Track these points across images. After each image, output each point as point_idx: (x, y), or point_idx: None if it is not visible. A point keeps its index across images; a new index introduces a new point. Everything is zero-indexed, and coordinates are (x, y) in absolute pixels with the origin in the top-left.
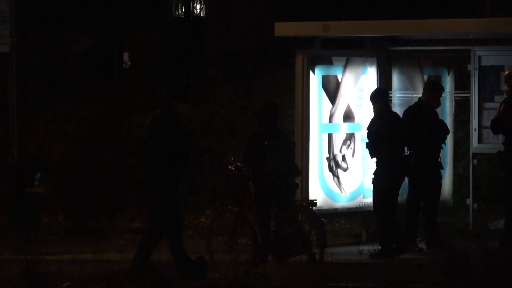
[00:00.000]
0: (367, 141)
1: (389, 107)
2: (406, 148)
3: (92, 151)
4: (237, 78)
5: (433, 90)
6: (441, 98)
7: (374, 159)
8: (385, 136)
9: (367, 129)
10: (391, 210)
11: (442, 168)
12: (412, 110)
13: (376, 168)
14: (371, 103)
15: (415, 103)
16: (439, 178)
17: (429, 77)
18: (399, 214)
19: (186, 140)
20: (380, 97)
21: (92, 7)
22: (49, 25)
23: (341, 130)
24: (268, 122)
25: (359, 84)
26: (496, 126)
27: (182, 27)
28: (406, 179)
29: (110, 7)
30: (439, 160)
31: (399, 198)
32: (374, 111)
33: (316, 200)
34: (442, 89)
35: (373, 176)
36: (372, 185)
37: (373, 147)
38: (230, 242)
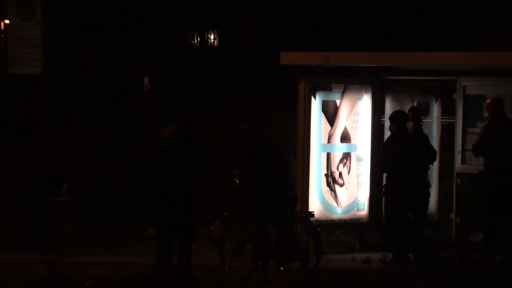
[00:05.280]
0: (382, 157)
1: (405, 129)
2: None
3: (111, 165)
4: (244, 102)
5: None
6: (429, 123)
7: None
8: (396, 154)
9: (382, 146)
10: (400, 221)
11: (430, 186)
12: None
13: (386, 183)
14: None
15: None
16: (427, 195)
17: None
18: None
19: (198, 156)
20: (395, 119)
21: (115, 34)
22: (75, 51)
23: (339, 149)
24: (254, 143)
25: (355, 108)
26: (477, 150)
27: (197, 55)
28: None
29: (131, 35)
30: (427, 179)
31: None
32: (391, 131)
33: (313, 211)
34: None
35: (383, 190)
36: (384, 197)
37: (384, 163)
38: (236, 249)
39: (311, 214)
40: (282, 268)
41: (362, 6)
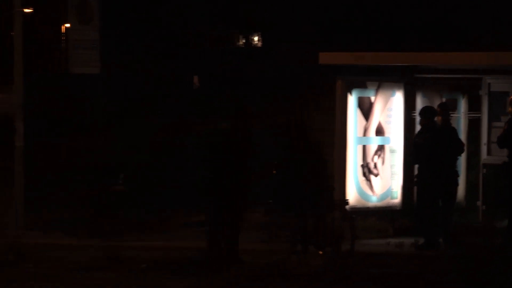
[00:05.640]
0: (413, 149)
1: (434, 123)
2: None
3: (163, 157)
4: (285, 99)
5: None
6: (456, 118)
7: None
8: (425, 147)
9: (413, 139)
10: (430, 209)
11: (458, 176)
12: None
13: (418, 173)
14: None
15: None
16: (456, 184)
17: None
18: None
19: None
20: (424, 114)
21: (166, 36)
22: (132, 53)
23: (373, 142)
24: (294, 135)
25: (388, 104)
26: (501, 142)
27: (242, 55)
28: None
29: (181, 37)
30: (455, 169)
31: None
32: (421, 124)
33: (348, 199)
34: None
35: (415, 179)
36: (416, 186)
37: (415, 156)
38: (277, 234)
39: (346, 202)
40: (321, 252)
41: (391, 9)
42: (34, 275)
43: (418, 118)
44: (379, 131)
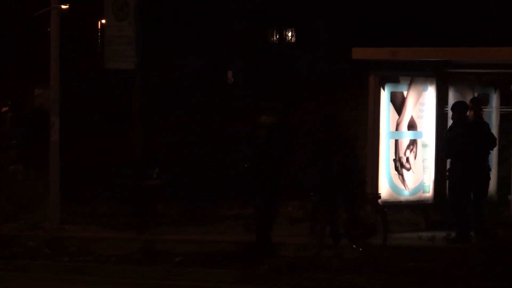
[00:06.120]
0: (445, 144)
1: (465, 118)
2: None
3: (199, 151)
4: (319, 93)
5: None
6: (488, 112)
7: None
8: (457, 141)
9: (445, 134)
10: (462, 202)
11: (490, 170)
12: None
13: (450, 167)
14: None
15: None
16: (487, 178)
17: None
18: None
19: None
20: (456, 109)
21: (202, 33)
22: (167, 49)
23: (406, 136)
24: (328, 129)
25: (421, 99)
26: None
27: (276, 51)
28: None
29: (216, 34)
30: (487, 163)
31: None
32: (452, 119)
33: (380, 193)
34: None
35: (447, 173)
36: (448, 180)
37: (448, 150)
38: (311, 227)
39: (378, 196)
40: (354, 246)
41: (421, 4)
42: (69, 268)
43: (450, 113)
44: (412, 126)
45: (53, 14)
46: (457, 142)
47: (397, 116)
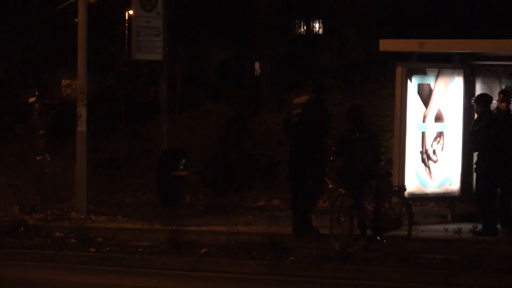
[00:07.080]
0: (471, 137)
1: (489, 110)
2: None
3: (226, 142)
4: (345, 84)
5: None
6: None
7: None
8: (482, 134)
9: (471, 127)
10: (489, 195)
11: None
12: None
13: (477, 159)
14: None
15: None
16: None
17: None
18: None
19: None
20: (480, 102)
21: (230, 25)
22: (194, 40)
23: (433, 129)
24: (354, 120)
25: (448, 91)
26: None
27: (303, 42)
28: None
29: (244, 25)
30: None
31: None
32: (476, 112)
33: (406, 185)
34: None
35: (474, 166)
36: (475, 173)
37: (474, 143)
38: (337, 219)
39: (404, 188)
40: (378, 238)
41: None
42: (96, 258)
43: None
44: (438, 118)
45: (81, 5)
46: (482, 135)
47: (424, 108)
